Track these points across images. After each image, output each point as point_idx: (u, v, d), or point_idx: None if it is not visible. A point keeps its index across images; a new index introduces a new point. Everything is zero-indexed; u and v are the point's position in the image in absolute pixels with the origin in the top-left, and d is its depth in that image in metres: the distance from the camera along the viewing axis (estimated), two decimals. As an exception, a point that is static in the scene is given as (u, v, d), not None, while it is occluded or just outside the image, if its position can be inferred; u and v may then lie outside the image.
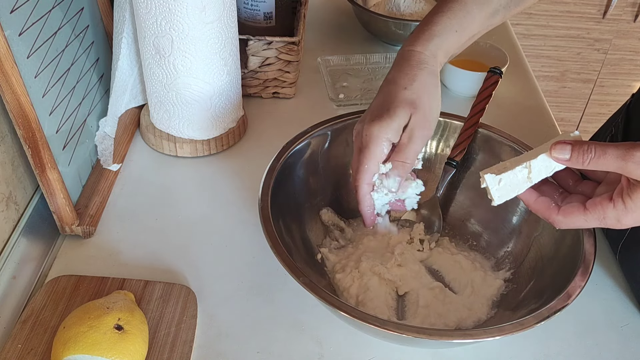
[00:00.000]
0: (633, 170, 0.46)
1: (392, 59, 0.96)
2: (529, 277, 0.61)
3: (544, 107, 0.94)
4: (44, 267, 0.65)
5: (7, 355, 0.55)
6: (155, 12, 0.68)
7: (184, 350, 0.56)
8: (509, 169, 0.52)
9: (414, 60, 0.62)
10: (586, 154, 0.47)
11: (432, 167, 0.72)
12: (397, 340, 0.56)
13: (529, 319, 0.50)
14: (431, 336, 0.50)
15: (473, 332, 0.53)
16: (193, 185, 0.77)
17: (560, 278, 0.56)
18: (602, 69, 1.96)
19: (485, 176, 0.52)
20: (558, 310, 0.51)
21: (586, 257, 0.55)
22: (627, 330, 0.62)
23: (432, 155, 0.72)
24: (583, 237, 0.57)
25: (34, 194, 0.67)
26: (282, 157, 0.64)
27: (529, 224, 0.65)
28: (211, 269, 0.66)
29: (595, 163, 0.47)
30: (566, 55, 1.93)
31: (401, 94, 0.60)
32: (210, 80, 0.74)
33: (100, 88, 0.78)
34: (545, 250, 0.62)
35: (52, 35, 0.64)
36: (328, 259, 0.65)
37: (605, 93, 2.02)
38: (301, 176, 0.67)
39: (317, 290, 0.52)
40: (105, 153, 0.75)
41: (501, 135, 0.68)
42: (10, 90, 0.57)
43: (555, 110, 1.91)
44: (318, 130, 0.68)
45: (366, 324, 0.49)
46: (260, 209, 0.58)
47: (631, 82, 1.97)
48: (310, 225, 0.67)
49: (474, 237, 0.69)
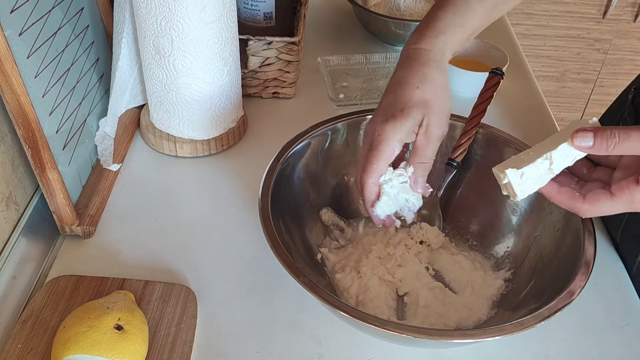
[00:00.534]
0: None
1: (392, 59, 0.97)
2: (529, 277, 0.61)
3: (544, 107, 0.94)
4: (44, 267, 0.65)
5: (7, 355, 0.55)
6: (155, 12, 0.68)
7: (184, 350, 0.56)
8: (526, 162, 0.50)
9: (423, 58, 0.61)
10: (610, 139, 0.46)
11: (432, 168, 0.72)
12: (397, 340, 0.56)
13: (529, 319, 0.50)
14: (431, 336, 0.50)
15: (473, 332, 0.54)
16: (193, 185, 0.77)
17: (560, 278, 0.56)
18: (602, 69, 1.96)
19: (507, 171, 0.50)
20: (558, 310, 0.51)
21: (586, 257, 0.55)
22: (627, 330, 0.62)
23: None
24: (584, 237, 0.57)
25: (34, 194, 0.67)
26: (282, 157, 0.64)
27: (529, 224, 0.65)
28: (211, 269, 0.66)
29: (620, 147, 0.46)
30: (566, 55, 1.93)
31: (414, 93, 0.59)
32: (210, 80, 0.74)
33: (100, 88, 0.78)
34: (545, 250, 0.62)
35: (52, 35, 0.64)
36: (328, 259, 0.65)
37: (605, 93, 2.02)
38: (301, 176, 0.67)
39: (317, 290, 0.52)
40: (105, 153, 0.75)
41: (502, 135, 0.69)
42: (10, 90, 0.57)
43: (555, 110, 1.91)
44: (318, 130, 0.68)
45: (366, 324, 0.49)
46: (260, 209, 0.58)
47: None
48: (310, 226, 0.67)
49: (474, 237, 0.69)
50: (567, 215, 0.60)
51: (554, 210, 0.62)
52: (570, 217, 0.60)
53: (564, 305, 0.51)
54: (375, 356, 0.59)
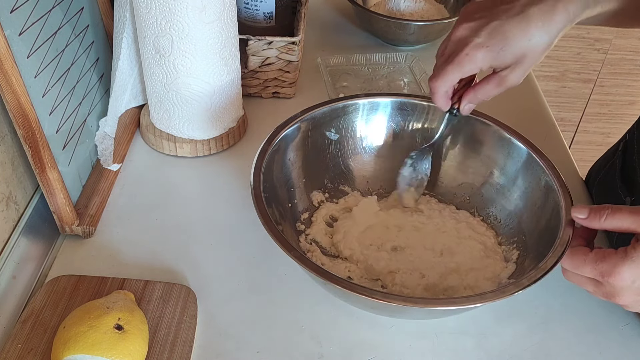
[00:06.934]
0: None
1: (392, 59, 0.97)
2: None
3: (544, 107, 0.94)
4: (44, 267, 0.65)
5: (7, 355, 0.55)
6: (156, 11, 0.68)
7: (184, 350, 0.56)
8: None
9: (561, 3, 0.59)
10: (602, 211, 0.51)
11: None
12: (386, 310, 0.58)
13: (509, 287, 0.52)
14: (417, 304, 0.52)
15: (456, 300, 0.55)
16: (193, 185, 0.77)
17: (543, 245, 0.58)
18: (602, 69, 1.96)
19: None
20: (536, 280, 0.52)
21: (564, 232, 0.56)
22: (627, 330, 0.62)
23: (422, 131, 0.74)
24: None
25: (34, 194, 0.67)
26: (273, 140, 0.65)
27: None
28: (211, 269, 0.66)
29: (611, 221, 0.50)
30: (566, 55, 1.93)
31: (522, 42, 0.58)
32: (210, 80, 0.74)
33: (100, 88, 0.78)
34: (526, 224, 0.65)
35: (52, 35, 0.64)
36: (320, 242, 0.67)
37: (605, 93, 2.01)
38: (292, 159, 0.68)
39: (308, 262, 0.53)
40: (105, 153, 0.75)
41: (483, 117, 0.70)
42: (10, 90, 0.57)
43: (555, 110, 1.91)
44: (307, 115, 0.69)
45: (355, 293, 0.51)
46: (252, 189, 0.59)
47: (631, 82, 1.96)
48: (302, 207, 0.69)
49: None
50: (547, 192, 0.63)
51: (534, 188, 0.65)
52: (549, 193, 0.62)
53: (542, 274, 0.53)
54: (375, 356, 0.59)
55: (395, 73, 0.97)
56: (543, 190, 0.63)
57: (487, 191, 0.70)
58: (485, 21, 0.58)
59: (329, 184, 0.72)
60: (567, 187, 0.61)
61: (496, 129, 0.69)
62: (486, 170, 0.70)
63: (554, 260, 0.53)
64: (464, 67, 0.59)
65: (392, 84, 0.94)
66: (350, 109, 0.72)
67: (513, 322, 0.62)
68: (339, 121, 0.71)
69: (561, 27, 0.58)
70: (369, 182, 0.74)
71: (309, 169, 0.70)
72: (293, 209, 0.68)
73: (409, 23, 1.01)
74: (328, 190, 0.72)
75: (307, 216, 0.69)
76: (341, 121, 0.72)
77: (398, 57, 0.98)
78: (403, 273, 0.62)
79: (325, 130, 0.71)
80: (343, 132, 0.72)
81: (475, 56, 0.58)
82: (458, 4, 1.11)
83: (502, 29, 0.57)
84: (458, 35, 0.59)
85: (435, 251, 0.65)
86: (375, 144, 0.74)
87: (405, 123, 0.73)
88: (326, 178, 0.72)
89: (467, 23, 0.59)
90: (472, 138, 0.71)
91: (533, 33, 0.57)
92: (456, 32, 0.60)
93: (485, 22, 0.58)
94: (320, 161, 0.72)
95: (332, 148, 0.72)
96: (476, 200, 0.71)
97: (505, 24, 0.57)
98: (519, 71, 0.60)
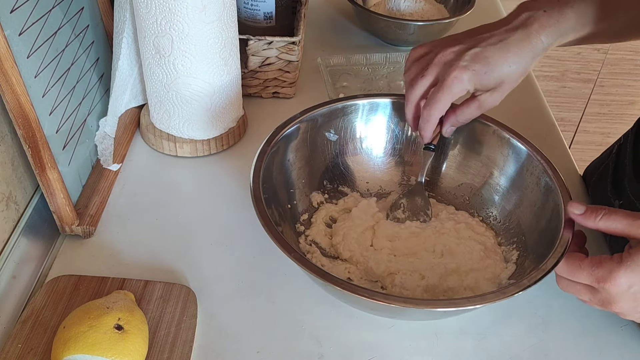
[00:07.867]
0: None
1: (392, 59, 0.97)
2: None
3: (544, 107, 0.94)
4: (44, 267, 0.65)
5: (7, 355, 0.55)
6: (156, 11, 0.68)
7: (184, 350, 0.56)
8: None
9: (535, 33, 0.61)
10: (599, 211, 0.51)
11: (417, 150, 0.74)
12: (386, 311, 0.58)
13: (510, 287, 0.52)
14: (417, 305, 0.52)
15: (457, 301, 0.55)
16: (193, 185, 0.77)
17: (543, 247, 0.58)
18: (602, 69, 1.96)
19: None
20: (537, 281, 0.53)
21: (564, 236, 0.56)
22: (627, 330, 0.62)
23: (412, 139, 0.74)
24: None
25: (34, 194, 0.67)
26: (272, 141, 0.65)
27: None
28: (211, 269, 0.66)
29: (606, 220, 0.51)
30: (566, 55, 1.93)
31: (503, 68, 0.61)
32: (210, 80, 0.74)
33: (100, 88, 0.78)
34: (525, 224, 0.65)
35: (52, 35, 0.64)
36: (319, 243, 0.67)
37: (605, 93, 2.01)
38: (291, 160, 0.68)
39: (308, 264, 0.53)
40: (105, 153, 0.75)
41: (483, 117, 0.70)
42: (10, 90, 0.57)
43: (555, 110, 1.91)
44: (307, 115, 0.69)
45: (355, 295, 0.51)
46: (252, 191, 0.59)
47: (631, 82, 1.96)
48: (301, 208, 0.69)
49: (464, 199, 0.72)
50: (546, 192, 0.63)
51: (534, 189, 0.65)
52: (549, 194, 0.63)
53: (542, 276, 0.53)
54: (375, 356, 0.59)
55: (395, 73, 0.97)
56: (543, 190, 0.63)
57: (486, 191, 0.70)
58: (467, 46, 0.62)
59: (329, 185, 0.72)
60: (567, 187, 0.61)
61: (496, 129, 0.69)
62: (486, 170, 0.70)
63: (554, 261, 0.53)
64: (453, 90, 0.61)
65: (392, 84, 0.94)
66: (350, 110, 0.72)
67: (513, 322, 0.62)
68: (338, 122, 0.72)
69: (535, 55, 0.62)
70: (368, 183, 0.74)
71: (309, 170, 0.70)
72: (292, 210, 0.68)
73: (409, 23, 1.01)
74: (327, 191, 0.72)
75: (306, 217, 0.69)
76: (341, 122, 0.72)
77: (398, 57, 0.98)
78: (403, 274, 0.62)
79: (325, 131, 0.71)
80: (342, 132, 0.72)
81: (462, 78, 0.60)
82: (458, 4, 1.11)
83: (483, 55, 0.61)
84: (442, 60, 0.62)
85: (435, 252, 0.65)
86: (375, 145, 0.74)
87: (405, 124, 0.73)
88: (325, 179, 0.72)
89: (450, 48, 0.62)
90: (471, 138, 0.71)
91: (512, 60, 0.61)
92: (440, 56, 0.62)
93: (467, 48, 0.62)
94: (320, 162, 0.72)
95: (332, 149, 0.72)
96: (476, 201, 0.71)
97: (485, 51, 0.61)
98: (497, 95, 0.63)
